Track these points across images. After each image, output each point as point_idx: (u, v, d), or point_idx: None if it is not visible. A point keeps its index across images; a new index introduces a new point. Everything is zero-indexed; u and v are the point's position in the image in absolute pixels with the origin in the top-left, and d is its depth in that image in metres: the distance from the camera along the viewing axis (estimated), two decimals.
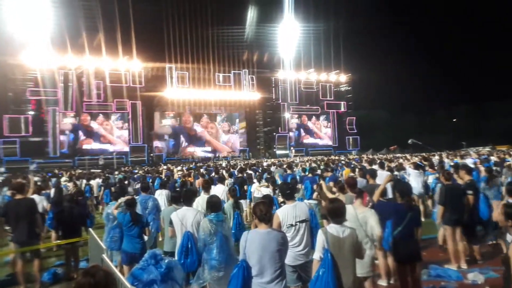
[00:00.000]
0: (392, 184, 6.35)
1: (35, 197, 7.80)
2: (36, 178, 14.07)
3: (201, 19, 42.88)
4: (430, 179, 10.31)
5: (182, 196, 5.39)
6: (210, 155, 42.99)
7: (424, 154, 24.06)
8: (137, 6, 37.83)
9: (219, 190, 8.12)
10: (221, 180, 9.13)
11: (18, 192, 6.44)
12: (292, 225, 4.34)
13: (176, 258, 4.63)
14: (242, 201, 8.95)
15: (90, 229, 5.72)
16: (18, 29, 32.30)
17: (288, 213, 4.42)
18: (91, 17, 35.52)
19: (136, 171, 20.08)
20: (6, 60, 32.76)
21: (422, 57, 70.73)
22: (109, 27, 36.40)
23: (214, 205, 4.73)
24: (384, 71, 53.97)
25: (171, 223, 5.00)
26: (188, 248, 4.67)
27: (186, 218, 4.89)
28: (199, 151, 43.71)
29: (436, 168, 11.41)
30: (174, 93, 41.01)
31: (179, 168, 17.46)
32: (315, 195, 8.73)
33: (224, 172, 13.51)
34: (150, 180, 12.58)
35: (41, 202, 8.36)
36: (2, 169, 27.62)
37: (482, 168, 9.88)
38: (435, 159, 16.31)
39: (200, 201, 6.20)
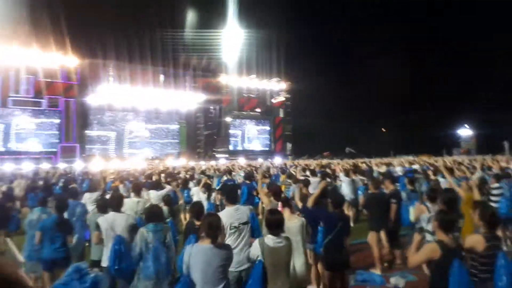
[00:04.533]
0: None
1: None
2: None
3: (144, 19, 41.63)
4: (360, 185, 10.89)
5: (109, 202, 5.16)
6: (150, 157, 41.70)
7: (354, 161, 25.33)
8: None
9: (151, 195, 7.86)
10: (157, 185, 8.85)
11: None
12: (235, 227, 4.34)
13: (108, 264, 4.43)
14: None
15: (8, 239, 5.29)
16: None
17: (232, 215, 4.42)
18: (25, 7, 33.09)
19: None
20: None
21: (355, 68, 74.54)
22: (44, 18, 34.02)
23: (153, 215, 4.54)
24: (321, 80, 56.07)
25: (97, 228, 4.74)
26: (122, 252, 4.42)
27: (117, 223, 4.69)
28: (137, 153, 42.20)
29: (365, 175, 12.08)
30: (111, 92, 39.33)
31: (112, 170, 16.67)
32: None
33: (162, 176, 13.14)
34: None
35: None
36: None
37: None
38: (364, 166, 17.19)
39: (130, 204, 6.02)
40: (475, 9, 62.27)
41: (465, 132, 58.87)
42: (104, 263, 4.55)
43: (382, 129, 63.18)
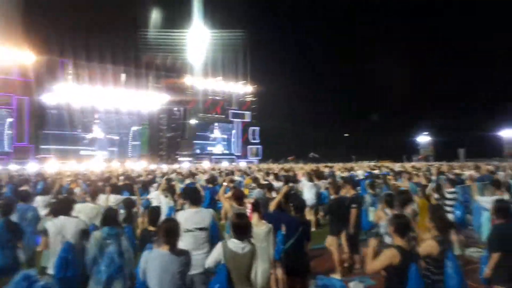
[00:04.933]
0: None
1: None
2: None
3: (105, 16, 40.15)
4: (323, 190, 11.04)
5: (58, 206, 4.93)
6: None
7: (318, 165, 25.72)
8: None
9: (111, 200, 7.56)
10: (117, 189, 8.51)
11: None
12: (189, 230, 4.23)
13: (53, 272, 4.23)
14: None
15: None
16: None
17: (188, 217, 4.31)
18: None
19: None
20: None
21: (319, 73, 76.19)
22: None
23: (109, 218, 4.43)
24: (288, 85, 56.85)
25: (45, 233, 4.51)
26: (69, 260, 4.26)
27: (66, 228, 4.46)
28: (96, 155, 40.80)
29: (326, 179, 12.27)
30: (69, 90, 37.85)
31: (68, 173, 16.01)
32: None
33: (119, 179, 12.72)
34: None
35: None
36: None
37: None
38: (326, 171, 17.45)
39: (85, 209, 5.76)
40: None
41: (424, 139, 61.50)
42: (50, 270, 4.32)
43: (345, 134, 64.85)
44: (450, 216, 6.99)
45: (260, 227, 4.68)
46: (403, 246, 3.44)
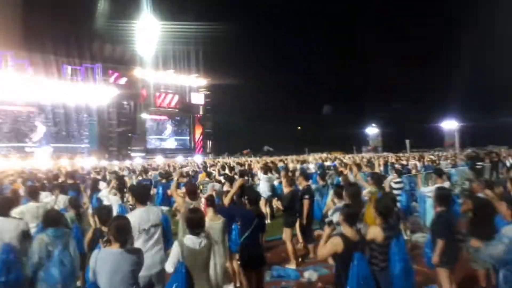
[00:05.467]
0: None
1: None
2: None
3: (53, 6, 37.70)
4: (276, 182, 11.19)
5: None
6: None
7: (272, 159, 26.08)
8: None
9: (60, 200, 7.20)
10: (61, 187, 8.11)
11: None
12: (145, 230, 4.18)
13: None
14: None
15: None
16: None
17: (142, 217, 4.24)
18: None
19: None
20: None
21: (273, 67, 76.77)
22: None
23: (51, 219, 4.23)
24: (242, 79, 56.61)
25: None
26: (11, 262, 4.07)
27: (5, 230, 4.23)
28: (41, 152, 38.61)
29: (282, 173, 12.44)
30: (10, 83, 35.46)
31: (11, 171, 15.03)
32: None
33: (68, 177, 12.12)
34: None
35: None
36: None
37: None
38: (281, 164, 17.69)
39: (30, 209, 5.47)
40: None
41: (372, 130, 64.02)
42: None
43: (298, 127, 66.10)
44: (397, 205, 7.34)
45: (215, 222, 4.70)
46: (349, 235, 3.55)
